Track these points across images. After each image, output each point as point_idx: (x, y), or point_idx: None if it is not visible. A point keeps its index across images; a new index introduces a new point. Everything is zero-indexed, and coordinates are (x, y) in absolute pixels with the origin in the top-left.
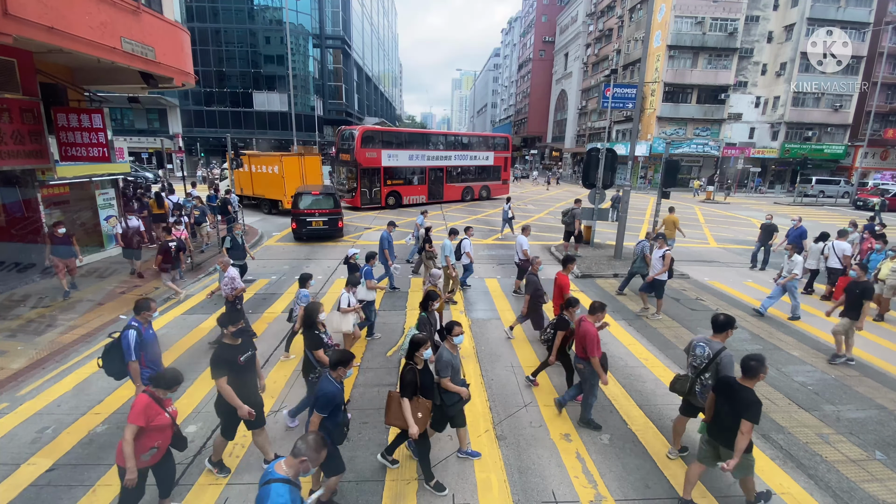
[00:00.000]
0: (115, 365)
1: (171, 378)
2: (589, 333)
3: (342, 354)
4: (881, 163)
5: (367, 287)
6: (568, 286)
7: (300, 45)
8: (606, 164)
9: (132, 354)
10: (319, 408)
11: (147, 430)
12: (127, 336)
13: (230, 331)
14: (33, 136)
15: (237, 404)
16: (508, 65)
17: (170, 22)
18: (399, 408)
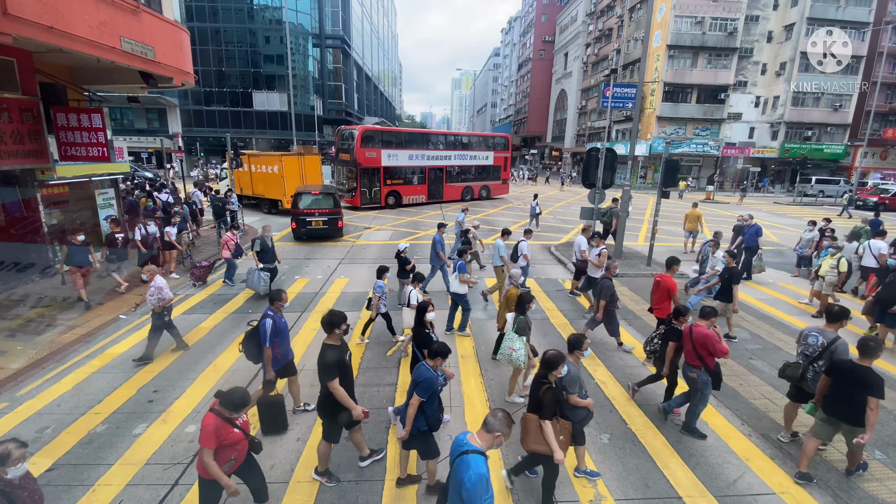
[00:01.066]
0: (253, 350)
1: (240, 400)
2: (709, 336)
3: (442, 346)
4: (881, 162)
5: (459, 281)
6: (675, 289)
7: (300, 44)
8: (606, 164)
9: (267, 341)
10: (420, 392)
11: (221, 448)
12: (265, 324)
13: (340, 330)
14: (33, 135)
15: (350, 405)
16: (508, 64)
17: (169, 21)
18: (539, 431)
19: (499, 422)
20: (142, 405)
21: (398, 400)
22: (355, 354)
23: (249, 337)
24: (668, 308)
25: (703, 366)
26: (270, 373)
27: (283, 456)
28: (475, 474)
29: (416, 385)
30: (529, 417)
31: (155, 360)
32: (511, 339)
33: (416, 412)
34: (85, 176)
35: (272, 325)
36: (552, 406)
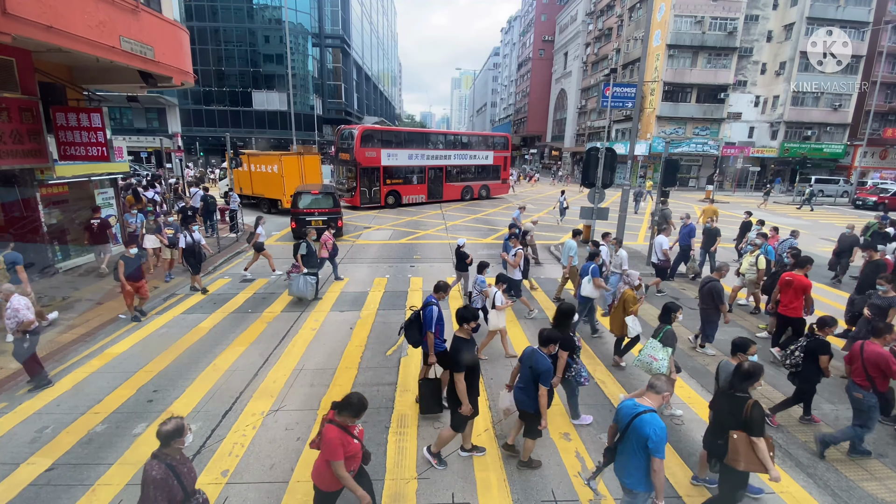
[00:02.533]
0: (414, 334)
1: (359, 405)
2: (884, 355)
3: (552, 333)
4: (880, 162)
5: (594, 285)
6: (810, 287)
7: (299, 44)
8: (606, 164)
9: (432, 326)
10: (543, 381)
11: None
12: (431, 311)
13: (470, 326)
14: (32, 135)
15: (464, 399)
16: (508, 64)
17: (169, 21)
18: (751, 450)
19: (664, 384)
20: (141, 405)
21: (398, 400)
22: (355, 354)
23: (411, 322)
24: (800, 308)
25: (871, 387)
26: (433, 356)
27: (283, 456)
28: (658, 427)
29: (538, 375)
30: (740, 437)
31: (153, 359)
32: (654, 347)
33: (546, 401)
34: (84, 175)
35: (438, 312)
36: (762, 422)
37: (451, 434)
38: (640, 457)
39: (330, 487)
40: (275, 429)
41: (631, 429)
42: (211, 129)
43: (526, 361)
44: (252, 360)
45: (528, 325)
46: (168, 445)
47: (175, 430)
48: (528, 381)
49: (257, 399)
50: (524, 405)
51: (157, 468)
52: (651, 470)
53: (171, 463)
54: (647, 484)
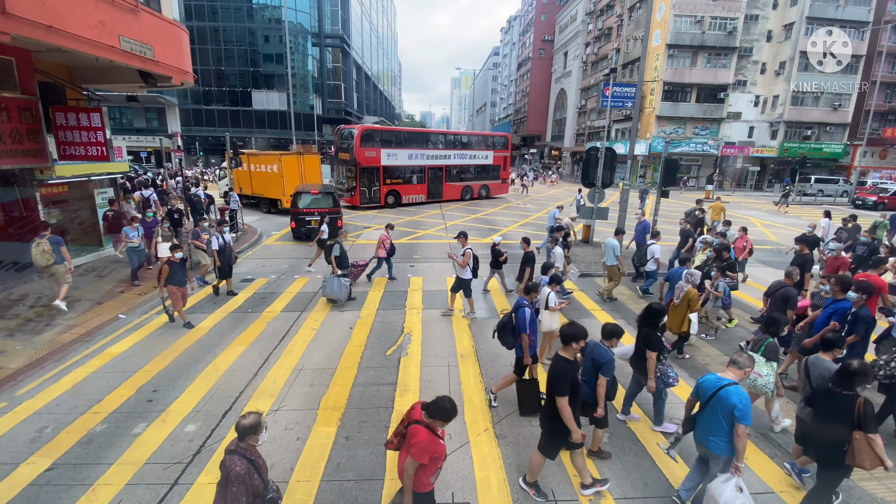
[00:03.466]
0: (508, 337)
1: (451, 407)
2: None
3: (615, 327)
4: (880, 162)
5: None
6: (886, 288)
7: (299, 43)
8: (606, 163)
9: (526, 328)
10: (604, 371)
11: (431, 460)
12: (524, 313)
13: (579, 346)
14: (32, 134)
15: (573, 427)
16: (508, 64)
17: (168, 21)
18: (869, 447)
19: (745, 360)
20: (141, 405)
21: (398, 399)
22: (355, 354)
23: (504, 325)
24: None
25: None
26: (527, 357)
27: (283, 455)
28: (744, 397)
29: (599, 366)
30: (859, 437)
31: (152, 359)
32: (757, 363)
33: (605, 390)
34: (84, 175)
35: (531, 314)
36: (874, 417)
37: (542, 459)
38: (723, 424)
39: (423, 488)
40: (275, 428)
41: (715, 399)
42: (210, 128)
43: (588, 354)
44: (252, 360)
45: None
46: (244, 440)
47: (253, 426)
48: (589, 373)
49: (257, 399)
50: (587, 396)
51: (240, 463)
52: (735, 435)
53: (251, 457)
54: (730, 448)
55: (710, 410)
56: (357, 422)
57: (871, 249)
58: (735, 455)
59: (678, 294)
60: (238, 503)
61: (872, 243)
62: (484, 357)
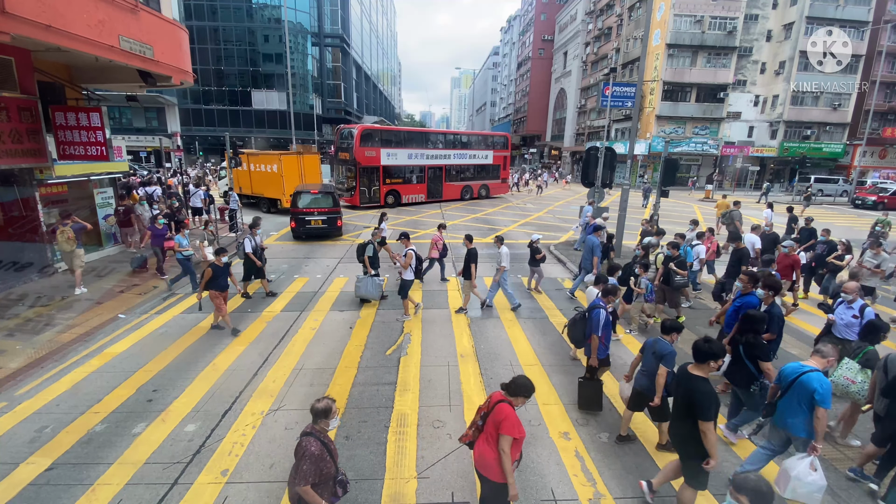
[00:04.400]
0: (578, 334)
1: (531, 384)
2: None
3: (674, 323)
4: (879, 161)
5: None
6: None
7: (299, 43)
8: (605, 163)
9: (598, 330)
10: (667, 363)
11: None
12: (599, 314)
13: (717, 364)
14: (31, 134)
15: (715, 453)
16: (507, 63)
17: (168, 20)
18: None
19: (829, 349)
20: (141, 404)
21: (398, 399)
22: (355, 354)
23: (575, 322)
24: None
25: None
26: (594, 359)
27: (283, 455)
28: (825, 382)
29: (661, 357)
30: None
31: (152, 359)
32: (851, 369)
33: (664, 381)
34: (84, 175)
35: (605, 316)
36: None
37: (694, 494)
38: (802, 408)
39: (502, 478)
40: (274, 428)
41: (797, 384)
42: (210, 128)
43: (648, 349)
44: (252, 360)
45: (527, 325)
46: (318, 423)
47: (325, 410)
48: (651, 368)
49: (257, 398)
50: (646, 389)
51: (315, 444)
52: (815, 417)
53: (324, 440)
54: (809, 430)
55: (790, 395)
56: (357, 421)
57: (830, 248)
58: (814, 437)
59: None
60: (305, 482)
61: (831, 242)
62: (483, 357)
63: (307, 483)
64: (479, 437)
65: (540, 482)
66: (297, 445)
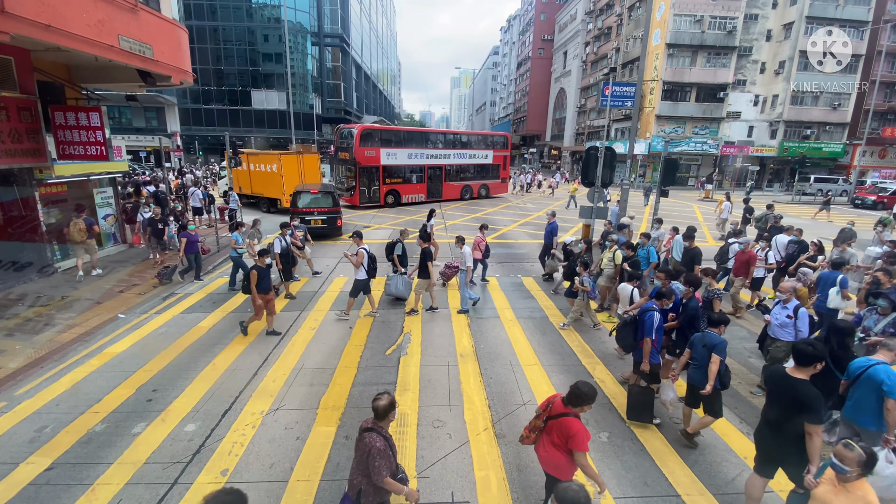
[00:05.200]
0: (628, 338)
1: (593, 390)
2: None
3: (721, 315)
4: (879, 161)
5: (841, 297)
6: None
7: (298, 43)
8: (605, 163)
9: (652, 333)
10: (719, 352)
11: None
12: (652, 316)
13: (818, 368)
14: (31, 134)
15: (818, 459)
16: (507, 63)
17: (168, 20)
18: None
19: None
20: (141, 404)
21: (398, 399)
22: (355, 354)
23: (625, 325)
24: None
25: None
26: (646, 364)
27: (283, 455)
28: (892, 374)
29: (713, 348)
30: None
31: (152, 359)
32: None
33: (717, 369)
34: (83, 175)
35: (659, 319)
36: None
37: (763, 483)
38: (871, 400)
39: (567, 475)
40: (274, 428)
41: (864, 377)
42: (210, 128)
43: (698, 342)
44: (251, 360)
45: (527, 325)
46: (382, 419)
47: (389, 405)
48: (703, 360)
49: (257, 398)
50: (698, 382)
51: (379, 440)
52: (885, 409)
53: (386, 436)
54: (879, 423)
55: (857, 388)
56: (357, 421)
57: (801, 248)
58: (885, 429)
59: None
60: (381, 476)
61: (803, 242)
62: (483, 357)
63: (385, 476)
64: (542, 438)
65: (540, 482)
66: (360, 441)
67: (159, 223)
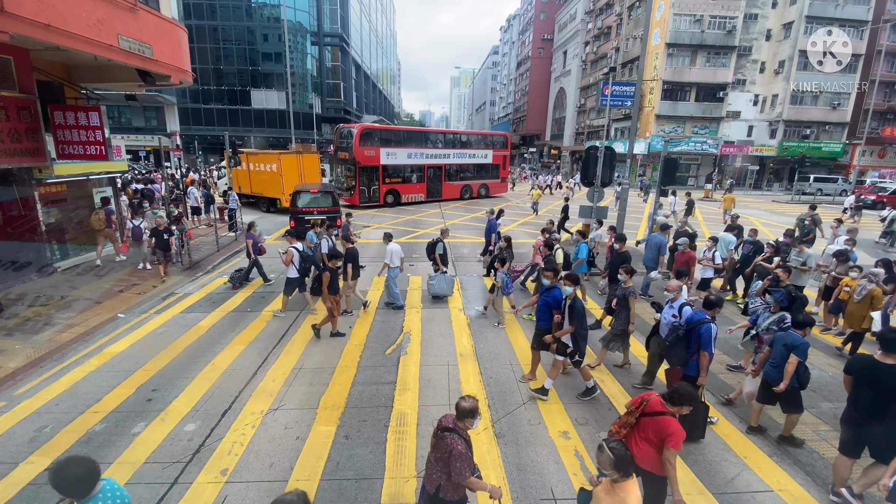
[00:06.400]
0: (680, 353)
1: (694, 391)
2: None
3: (807, 318)
4: (879, 161)
5: None
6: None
7: (298, 42)
8: (605, 162)
9: (711, 346)
10: (799, 354)
11: None
12: (709, 329)
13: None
14: (30, 134)
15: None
16: (507, 62)
17: (167, 19)
18: None
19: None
20: (141, 404)
21: (397, 398)
22: (355, 353)
23: (678, 339)
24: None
25: None
26: (704, 378)
27: (283, 454)
28: None
29: (793, 348)
30: None
31: (152, 358)
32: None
33: (794, 370)
34: (83, 174)
35: (716, 332)
36: None
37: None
38: None
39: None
40: (274, 428)
41: None
42: (209, 127)
43: (779, 341)
44: (251, 359)
45: (527, 325)
46: (462, 421)
47: (472, 409)
48: (782, 359)
49: (256, 398)
50: (775, 381)
51: (461, 442)
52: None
53: (467, 438)
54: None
55: None
56: (356, 421)
57: (756, 248)
58: None
59: (860, 292)
60: (463, 477)
61: (758, 242)
62: (483, 356)
63: (467, 477)
64: (633, 434)
65: (539, 481)
66: (442, 441)
67: (164, 233)
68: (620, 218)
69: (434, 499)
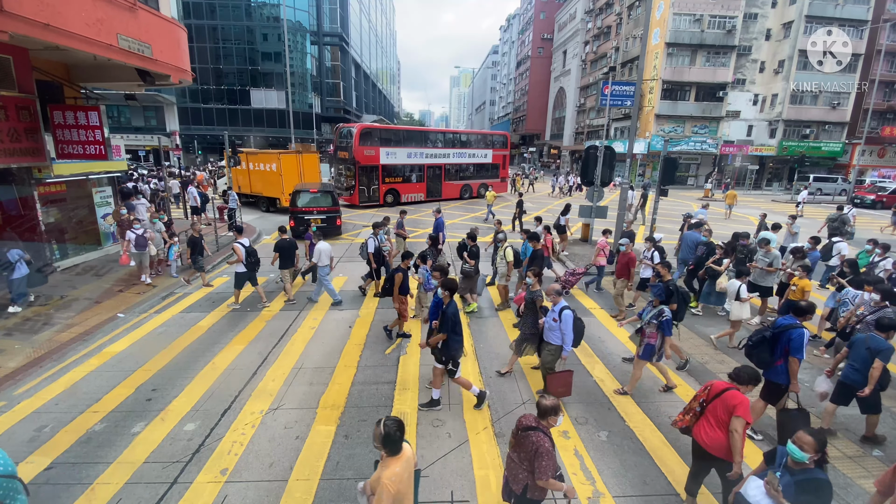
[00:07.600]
0: (764, 355)
1: (756, 371)
2: None
3: (891, 321)
4: (878, 160)
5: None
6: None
7: (298, 42)
8: (605, 162)
9: (802, 353)
10: (883, 357)
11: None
12: (801, 334)
13: None
14: (30, 133)
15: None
16: (507, 62)
17: (166, 19)
18: None
19: None
20: (140, 404)
21: (397, 398)
22: (354, 353)
23: (763, 340)
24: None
25: None
26: (797, 385)
27: (282, 454)
28: None
29: (878, 352)
30: None
31: (151, 358)
32: None
33: (879, 374)
34: (82, 174)
35: (807, 337)
36: None
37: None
38: None
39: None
40: (274, 427)
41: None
42: (209, 127)
43: (861, 344)
44: (251, 359)
45: None
46: (546, 418)
47: (554, 407)
48: (864, 362)
49: (256, 398)
50: (856, 384)
51: (546, 441)
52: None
53: (551, 436)
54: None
55: None
56: (356, 420)
57: (709, 250)
58: None
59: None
60: (546, 476)
61: (711, 244)
62: (483, 356)
63: (549, 476)
64: (702, 423)
65: None
66: (526, 439)
67: (201, 239)
68: (620, 218)
69: (522, 499)
